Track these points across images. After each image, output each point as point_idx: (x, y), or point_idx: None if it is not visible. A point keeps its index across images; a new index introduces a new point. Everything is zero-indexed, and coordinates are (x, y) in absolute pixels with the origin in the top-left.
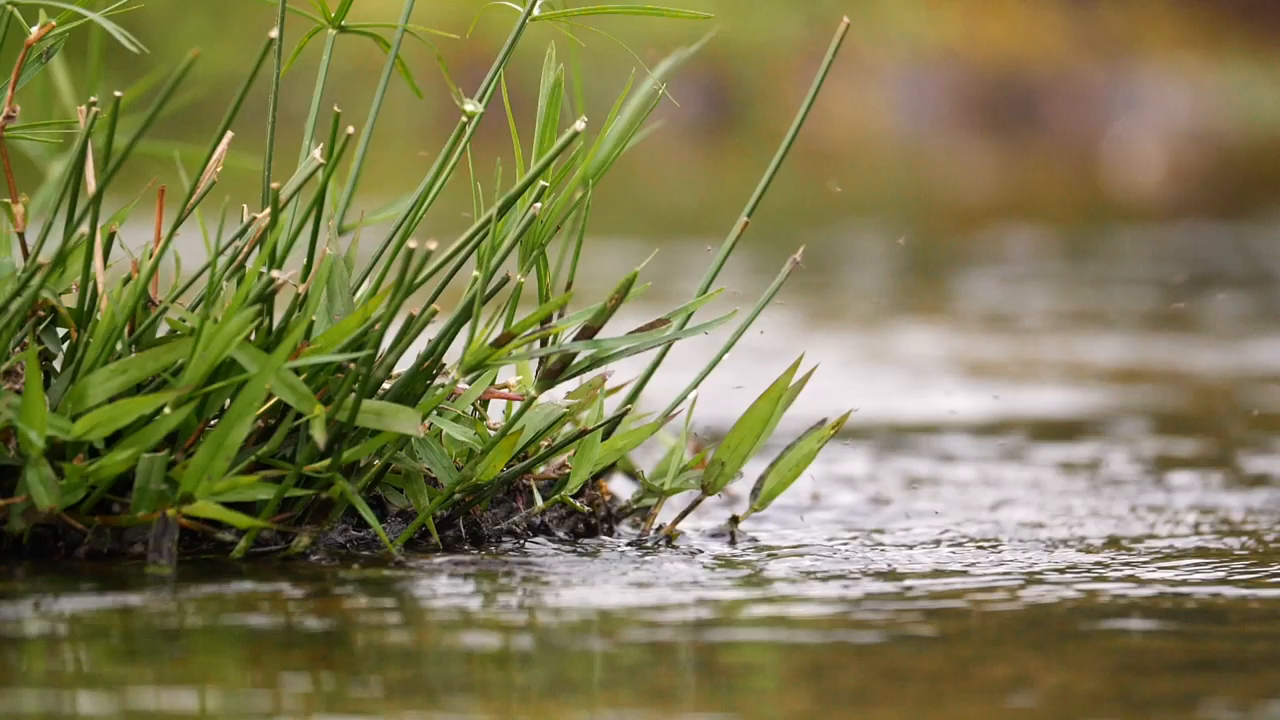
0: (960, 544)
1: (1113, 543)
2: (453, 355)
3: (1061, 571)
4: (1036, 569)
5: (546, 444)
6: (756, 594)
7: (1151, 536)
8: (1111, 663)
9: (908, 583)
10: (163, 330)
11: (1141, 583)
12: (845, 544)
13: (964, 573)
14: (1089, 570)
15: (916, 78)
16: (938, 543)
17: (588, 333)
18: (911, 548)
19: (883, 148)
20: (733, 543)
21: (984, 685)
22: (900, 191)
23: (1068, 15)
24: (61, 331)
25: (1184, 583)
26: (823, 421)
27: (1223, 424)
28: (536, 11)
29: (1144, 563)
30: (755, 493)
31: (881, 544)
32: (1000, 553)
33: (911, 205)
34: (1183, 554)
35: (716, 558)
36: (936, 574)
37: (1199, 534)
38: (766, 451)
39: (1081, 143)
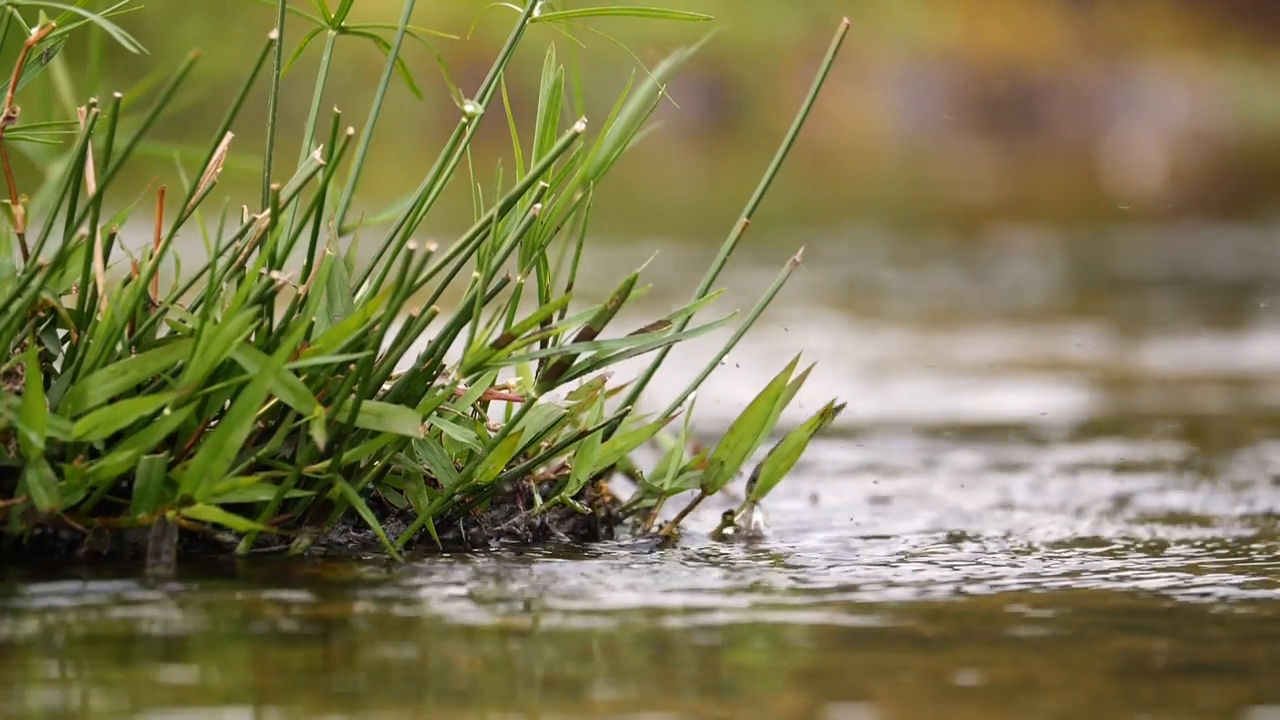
0: (960, 545)
1: (1112, 544)
2: (453, 356)
3: (1062, 574)
4: (1037, 570)
5: (546, 445)
6: (756, 594)
7: (1152, 538)
8: (1113, 664)
9: (908, 582)
10: (163, 331)
11: (1142, 584)
12: (845, 543)
13: (964, 574)
14: (1089, 571)
15: (916, 79)
16: (937, 543)
17: (588, 334)
18: (911, 548)
19: (882, 149)
20: (733, 542)
21: (986, 686)
22: (900, 192)
23: (1068, 16)
24: (61, 333)
25: (1185, 585)
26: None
27: (1220, 425)
28: (537, 12)
29: (1144, 564)
30: (751, 484)
31: (881, 544)
32: (1001, 554)
33: (911, 206)
34: (1183, 555)
35: (716, 557)
36: (937, 574)
37: (1200, 536)
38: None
39: (1081, 144)
